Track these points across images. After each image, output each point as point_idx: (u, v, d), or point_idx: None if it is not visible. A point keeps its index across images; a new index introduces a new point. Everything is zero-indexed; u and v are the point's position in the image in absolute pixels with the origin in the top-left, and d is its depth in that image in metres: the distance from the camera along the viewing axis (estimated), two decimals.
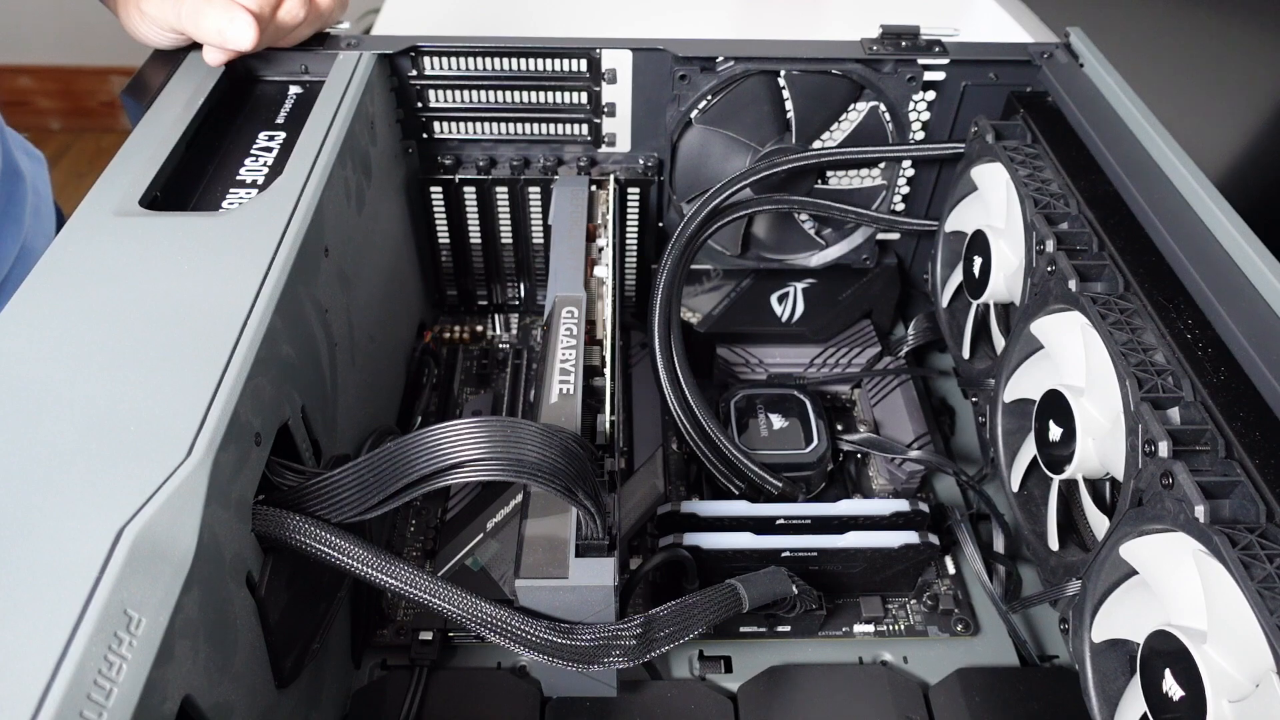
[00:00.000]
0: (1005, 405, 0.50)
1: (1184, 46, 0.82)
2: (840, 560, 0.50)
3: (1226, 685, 0.31)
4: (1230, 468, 0.35)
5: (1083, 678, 0.40)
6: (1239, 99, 0.77)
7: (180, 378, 0.34)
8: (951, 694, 0.47)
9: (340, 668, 0.47)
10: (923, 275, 0.64)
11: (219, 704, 0.32)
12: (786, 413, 0.59)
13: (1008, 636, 0.51)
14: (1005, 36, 0.75)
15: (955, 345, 0.59)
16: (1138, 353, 0.39)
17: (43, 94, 1.99)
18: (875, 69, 0.58)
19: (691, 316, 0.66)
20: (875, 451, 0.59)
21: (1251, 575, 0.30)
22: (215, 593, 0.32)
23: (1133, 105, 0.53)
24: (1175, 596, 0.34)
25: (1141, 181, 0.48)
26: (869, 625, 0.52)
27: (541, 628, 0.38)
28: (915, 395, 0.62)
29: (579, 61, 0.58)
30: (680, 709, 0.47)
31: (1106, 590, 0.39)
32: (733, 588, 0.44)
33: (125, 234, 0.41)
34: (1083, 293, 0.42)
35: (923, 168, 0.63)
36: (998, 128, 0.54)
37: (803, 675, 0.48)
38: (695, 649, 0.51)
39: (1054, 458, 0.43)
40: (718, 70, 0.57)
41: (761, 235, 0.66)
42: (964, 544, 0.53)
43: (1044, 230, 0.46)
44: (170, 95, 0.51)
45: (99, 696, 0.26)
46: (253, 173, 0.47)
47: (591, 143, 0.61)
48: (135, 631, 0.28)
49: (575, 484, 0.38)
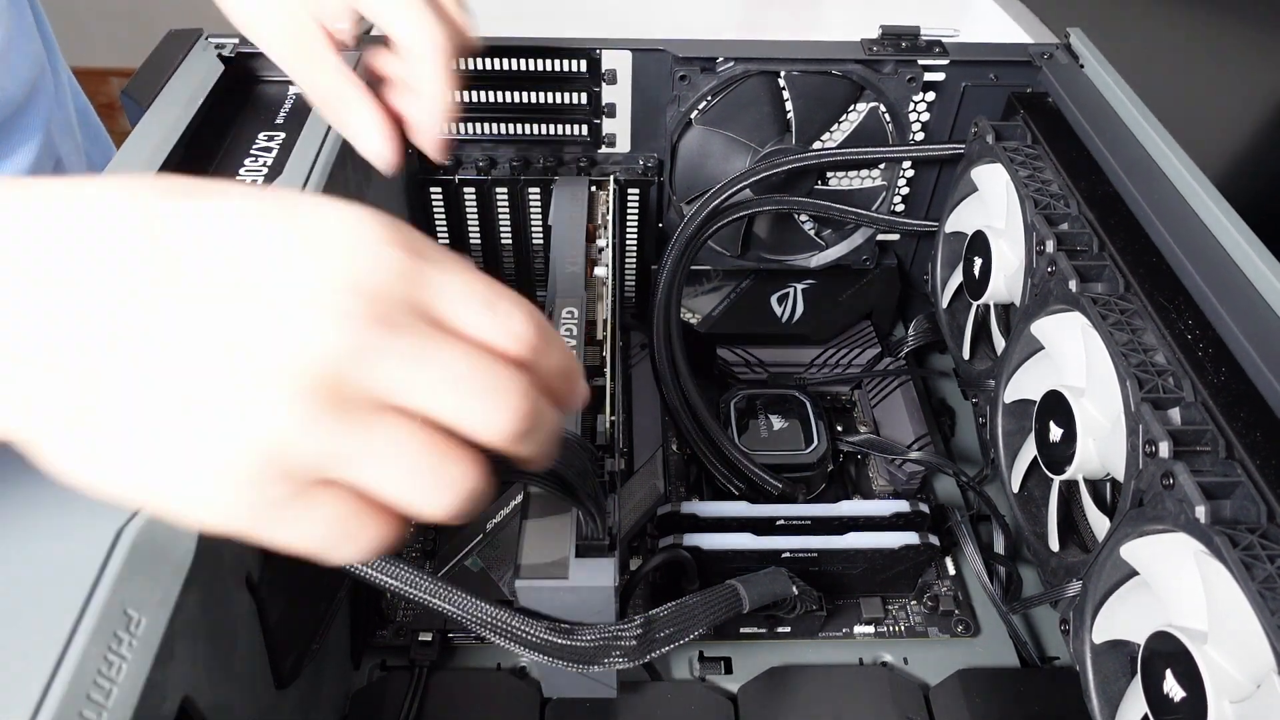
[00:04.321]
0: (1005, 406, 0.50)
1: (1184, 47, 0.82)
2: (840, 561, 0.50)
3: (1227, 686, 0.31)
4: (1231, 468, 0.35)
5: (1083, 679, 0.40)
6: (1239, 99, 0.77)
7: None
8: (952, 695, 0.47)
9: (339, 668, 0.47)
10: (923, 276, 0.64)
11: (218, 704, 0.32)
12: (786, 413, 0.59)
13: (1008, 637, 0.51)
14: (1005, 37, 0.75)
15: (955, 346, 0.59)
16: (1138, 353, 0.39)
17: None
18: (875, 70, 0.58)
19: (691, 317, 0.66)
20: (875, 452, 0.59)
21: (1253, 575, 0.30)
22: (215, 593, 0.32)
23: (1133, 106, 0.53)
24: (1176, 597, 0.34)
25: (1142, 182, 0.48)
26: (869, 626, 0.52)
27: (541, 628, 0.38)
28: (915, 396, 0.62)
29: (579, 62, 0.57)
30: (680, 710, 0.47)
31: (1107, 591, 0.39)
32: (733, 588, 0.44)
33: None
34: (1083, 293, 0.42)
35: (923, 168, 0.63)
36: (998, 128, 0.54)
37: (803, 676, 0.48)
38: (695, 650, 0.51)
39: (1054, 458, 0.43)
40: (718, 71, 0.57)
41: (761, 236, 0.66)
42: (964, 545, 0.53)
43: (1044, 231, 0.46)
44: (170, 95, 0.51)
45: (99, 696, 0.26)
46: (252, 173, 0.47)
47: (591, 143, 0.61)
48: (135, 631, 0.28)
49: (575, 484, 0.38)
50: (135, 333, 0.22)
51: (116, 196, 0.23)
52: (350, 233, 0.23)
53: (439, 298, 0.24)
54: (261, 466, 0.22)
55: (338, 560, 0.25)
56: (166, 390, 0.22)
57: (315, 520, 0.24)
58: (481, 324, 0.24)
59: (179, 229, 0.23)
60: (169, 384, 0.22)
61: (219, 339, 0.22)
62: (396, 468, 0.24)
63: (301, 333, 0.22)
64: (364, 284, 0.23)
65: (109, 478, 0.23)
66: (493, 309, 0.25)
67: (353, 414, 0.23)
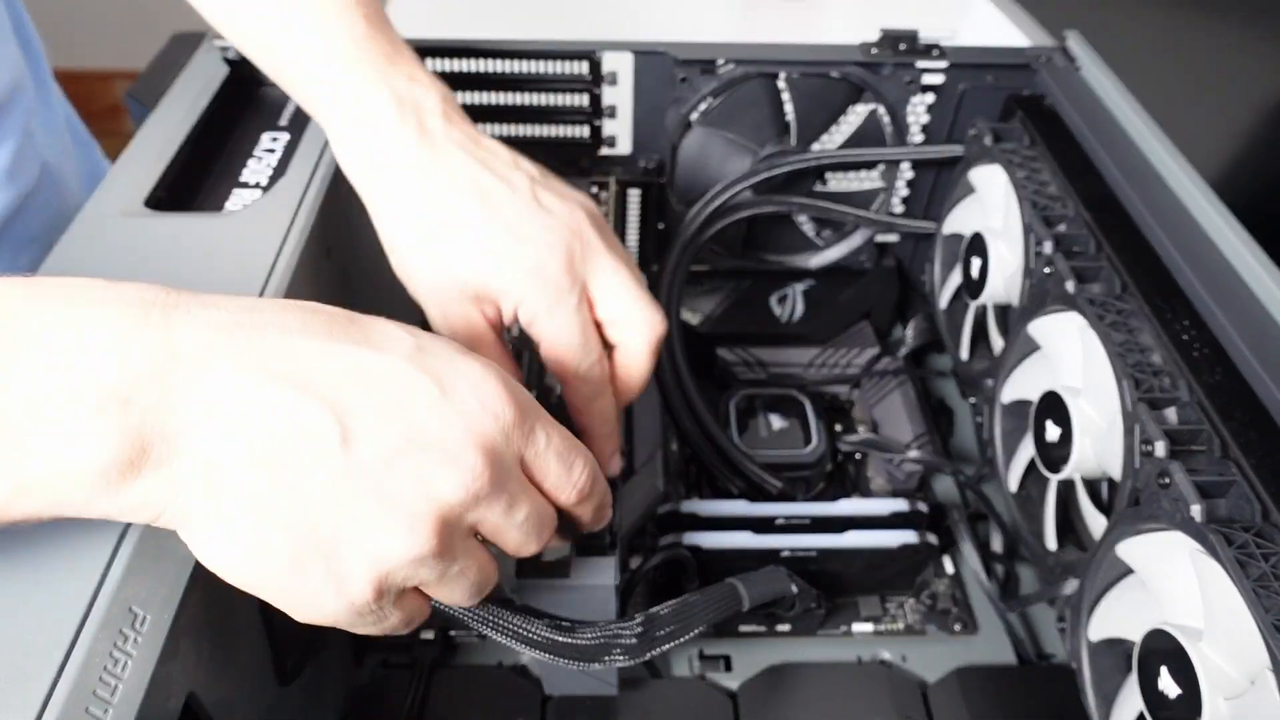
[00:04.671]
0: (1003, 406, 0.51)
1: (1180, 50, 0.83)
2: (839, 560, 0.50)
3: (1222, 683, 0.31)
4: (1226, 467, 0.35)
5: (1080, 676, 0.40)
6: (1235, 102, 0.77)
7: None
8: (950, 693, 0.48)
9: (342, 666, 0.47)
10: (921, 277, 0.65)
11: (222, 700, 0.32)
12: (786, 413, 0.59)
13: (1005, 635, 0.52)
14: (1003, 40, 0.75)
15: (953, 346, 0.59)
16: (1135, 353, 0.39)
17: None
18: (874, 72, 0.58)
19: (691, 317, 0.67)
20: (874, 452, 0.59)
21: (1247, 574, 0.30)
22: (219, 590, 0.32)
23: (1130, 108, 0.53)
24: (1172, 595, 0.35)
25: (1138, 183, 0.48)
26: (868, 624, 0.52)
27: (542, 626, 0.38)
28: (914, 396, 0.63)
29: (580, 64, 0.58)
30: (680, 707, 0.47)
31: (1103, 589, 0.40)
32: (732, 587, 0.44)
33: (130, 234, 0.41)
34: (1080, 294, 0.43)
35: (921, 170, 0.63)
36: (996, 130, 0.54)
37: (802, 674, 0.49)
38: (695, 648, 0.51)
39: (1052, 458, 0.44)
40: (718, 73, 0.58)
41: (761, 237, 0.66)
42: (962, 543, 0.54)
43: (1042, 232, 0.46)
44: (175, 97, 0.51)
45: (104, 693, 0.26)
46: (256, 174, 0.47)
47: (592, 145, 0.61)
48: (140, 629, 0.28)
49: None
50: (310, 468, 0.26)
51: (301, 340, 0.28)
52: (480, 398, 0.29)
53: (534, 455, 0.31)
54: (377, 585, 0.28)
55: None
56: (325, 518, 0.27)
57: (392, 621, 0.30)
58: (559, 481, 0.32)
59: (349, 383, 0.27)
60: (329, 514, 0.27)
61: (374, 481, 0.27)
62: (461, 586, 0.31)
63: (439, 486, 0.27)
64: (488, 446, 0.28)
65: (250, 575, 0.27)
66: (568, 470, 0.32)
67: (451, 543, 0.29)
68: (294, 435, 0.26)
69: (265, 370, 0.26)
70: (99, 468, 0.24)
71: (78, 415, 0.24)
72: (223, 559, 0.27)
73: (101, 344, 0.25)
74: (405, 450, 0.27)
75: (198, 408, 0.26)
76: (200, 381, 0.26)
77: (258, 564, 0.27)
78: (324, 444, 0.26)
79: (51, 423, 0.24)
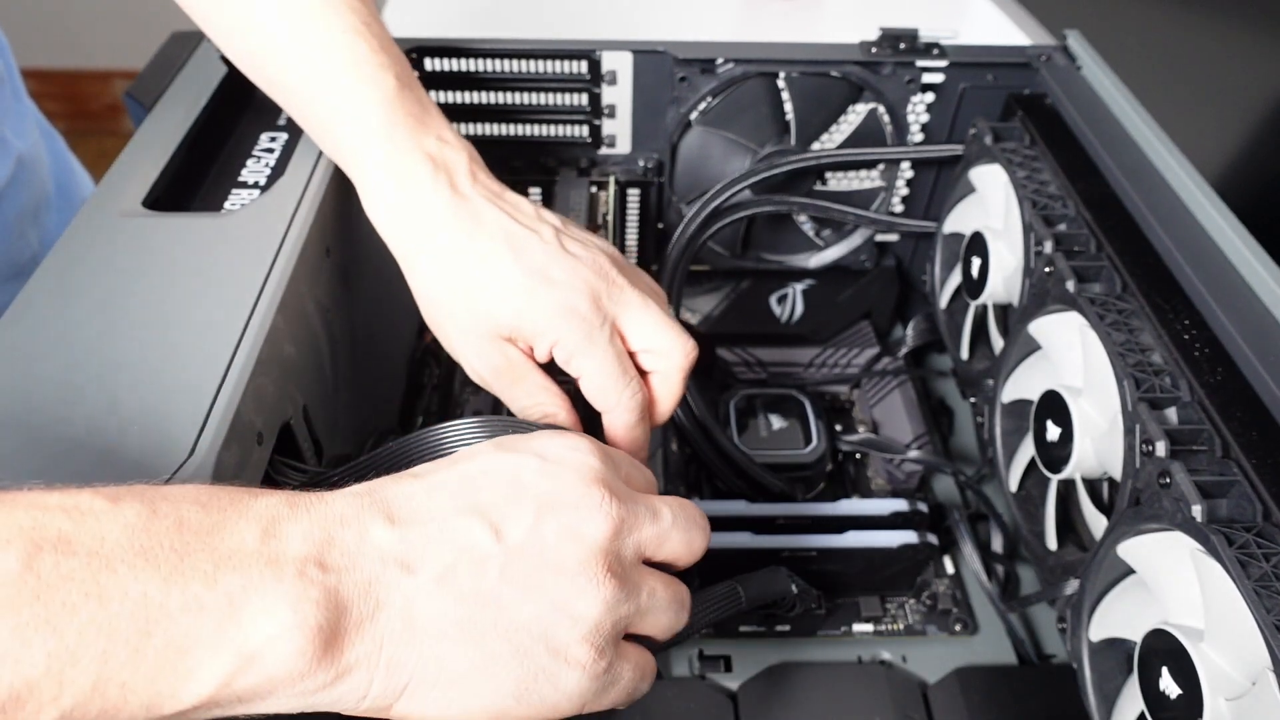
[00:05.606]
0: (1003, 406, 0.51)
1: (1181, 49, 0.83)
2: (839, 560, 0.50)
3: (1223, 683, 0.31)
4: (1227, 467, 0.35)
5: (1080, 676, 0.40)
6: (1235, 101, 0.77)
7: (182, 377, 0.34)
8: (950, 693, 0.48)
9: None
10: (921, 276, 0.65)
11: None
12: (786, 413, 0.59)
13: (1006, 636, 0.52)
14: (1003, 39, 0.75)
15: (954, 346, 0.59)
16: (1135, 353, 0.39)
17: (45, 97, 1.99)
18: (874, 71, 0.58)
19: (691, 317, 0.67)
20: (874, 451, 0.59)
21: (1248, 574, 0.30)
22: None
23: (1130, 107, 0.53)
24: (1172, 595, 0.35)
25: (1139, 183, 0.48)
26: (868, 624, 0.52)
27: None
28: (914, 396, 0.63)
29: (579, 63, 0.58)
30: (680, 708, 0.47)
31: (1104, 589, 0.40)
32: (732, 587, 0.44)
33: (128, 234, 0.41)
34: (1080, 293, 0.42)
35: (921, 169, 0.63)
36: (996, 129, 0.54)
37: (802, 674, 0.49)
38: (695, 648, 0.51)
39: (1052, 458, 0.44)
40: (717, 72, 0.58)
41: (761, 236, 0.66)
42: (962, 543, 0.54)
43: (1042, 231, 0.46)
44: (173, 96, 0.51)
45: None
46: (255, 173, 0.47)
47: (592, 144, 0.61)
48: None
49: None
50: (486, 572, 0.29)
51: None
52: (567, 448, 0.33)
53: (643, 540, 0.33)
54: (592, 644, 0.30)
55: None
56: (519, 609, 0.29)
57: (628, 676, 0.32)
58: (669, 554, 0.34)
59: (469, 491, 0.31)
60: (519, 602, 0.29)
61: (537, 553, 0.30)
62: (663, 610, 0.33)
63: (586, 530, 0.31)
64: (598, 477, 0.32)
65: (490, 696, 0.29)
66: (675, 550, 0.34)
67: (627, 575, 0.31)
68: (459, 551, 0.29)
69: (405, 519, 0.29)
70: (312, 629, 0.25)
71: (281, 575, 0.26)
72: (457, 695, 0.28)
73: (277, 528, 0.27)
74: (543, 516, 0.30)
75: (374, 563, 0.28)
76: (364, 540, 0.28)
77: (492, 681, 0.28)
78: (485, 547, 0.29)
79: (257, 592, 0.25)
